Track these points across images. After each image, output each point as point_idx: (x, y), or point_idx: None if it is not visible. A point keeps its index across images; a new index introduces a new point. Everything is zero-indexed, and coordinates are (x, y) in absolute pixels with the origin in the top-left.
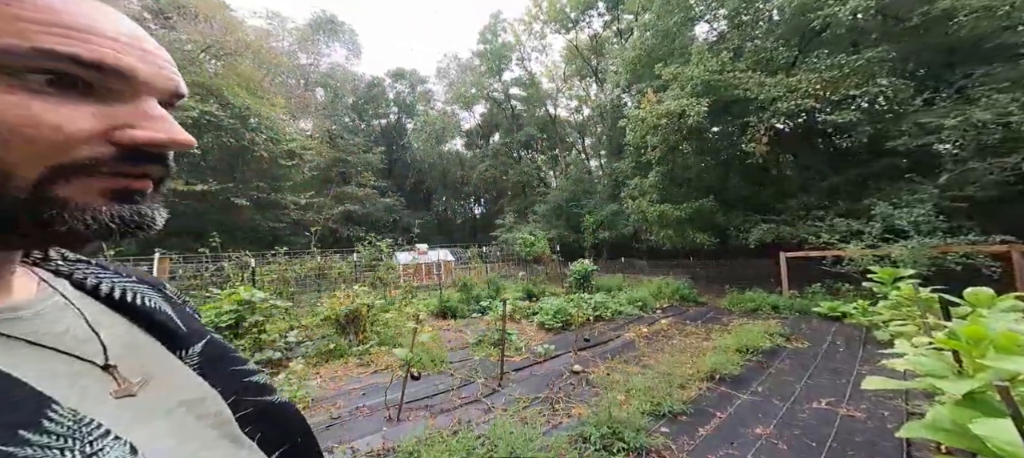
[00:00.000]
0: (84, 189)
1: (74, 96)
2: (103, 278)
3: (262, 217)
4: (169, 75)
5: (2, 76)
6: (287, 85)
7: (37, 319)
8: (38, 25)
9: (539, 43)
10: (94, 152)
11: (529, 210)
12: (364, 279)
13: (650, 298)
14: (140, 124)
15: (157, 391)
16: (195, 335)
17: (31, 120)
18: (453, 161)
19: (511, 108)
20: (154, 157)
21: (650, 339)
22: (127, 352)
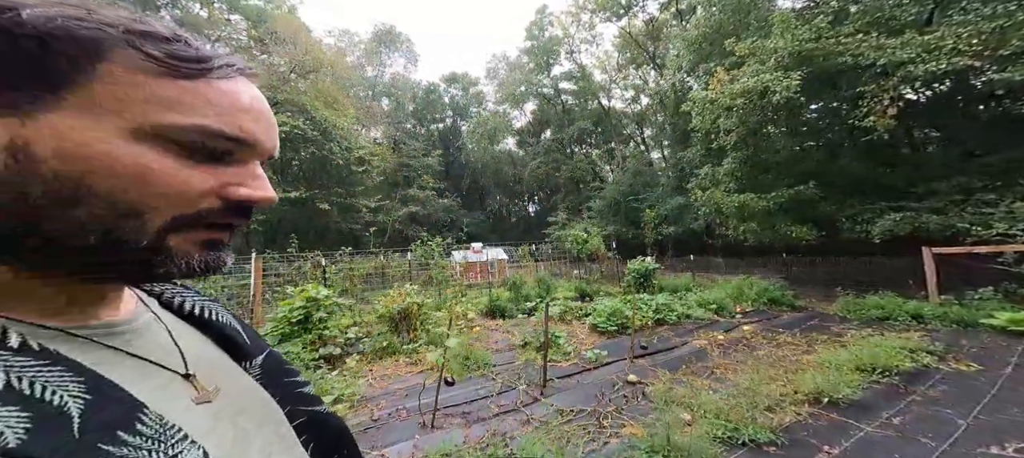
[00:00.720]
0: (187, 238)
1: (206, 160)
2: (186, 297)
3: (342, 219)
4: (274, 140)
5: (169, 143)
6: (358, 97)
7: (134, 333)
8: (219, 109)
9: (588, 34)
10: (206, 206)
11: (583, 206)
12: (420, 277)
13: (727, 300)
14: (247, 183)
15: (227, 398)
16: (257, 348)
17: (173, 178)
18: (505, 160)
19: (561, 103)
20: (243, 210)
21: (726, 348)
22: (203, 363)
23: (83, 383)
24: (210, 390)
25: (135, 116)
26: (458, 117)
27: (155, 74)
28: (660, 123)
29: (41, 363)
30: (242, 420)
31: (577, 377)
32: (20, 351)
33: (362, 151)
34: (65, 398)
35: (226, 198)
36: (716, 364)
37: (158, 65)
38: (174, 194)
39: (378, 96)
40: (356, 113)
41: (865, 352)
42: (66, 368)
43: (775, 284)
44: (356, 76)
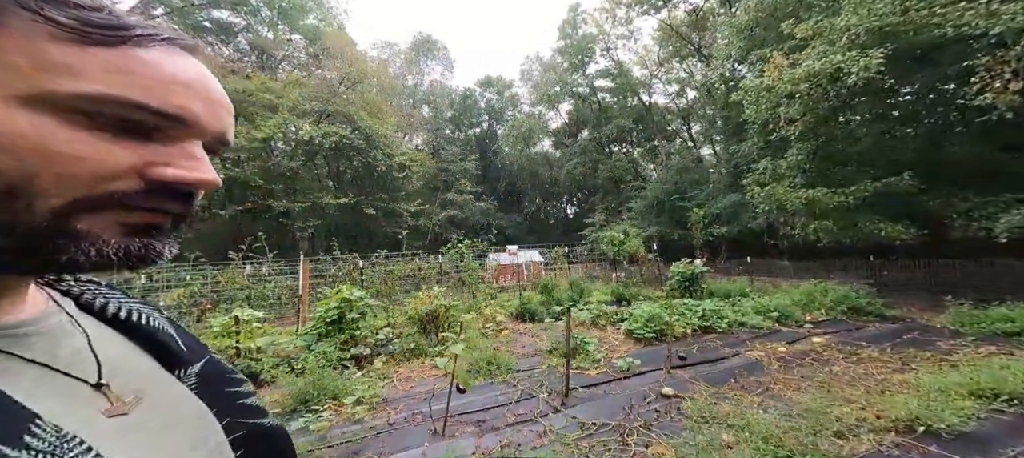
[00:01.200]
0: (102, 222)
1: (119, 134)
2: (110, 299)
3: (387, 223)
4: (221, 119)
5: (76, 115)
6: (400, 105)
7: (38, 336)
8: (140, 79)
9: (625, 29)
10: (123, 186)
11: (623, 207)
12: (452, 280)
13: (793, 308)
14: (175, 162)
15: (150, 410)
16: (195, 355)
17: (77, 153)
18: (541, 162)
19: (597, 101)
20: (179, 194)
21: (788, 362)
22: (124, 371)
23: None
24: (127, 401)
25: (25, 83)
26: (494, 121)
27: (57, 39)
28: (709, 117)
29: None
30: (168, 434)
31: (605, 387)
32: None
33: (403, 157)
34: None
35: (149, 178)
36: (773, 379)
37: (62, 29)
38: (78, 170)
39: (418, 104)
40: (398, 121)
41: (985, 374)
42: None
43: (859, 290)
44: (398, 85)
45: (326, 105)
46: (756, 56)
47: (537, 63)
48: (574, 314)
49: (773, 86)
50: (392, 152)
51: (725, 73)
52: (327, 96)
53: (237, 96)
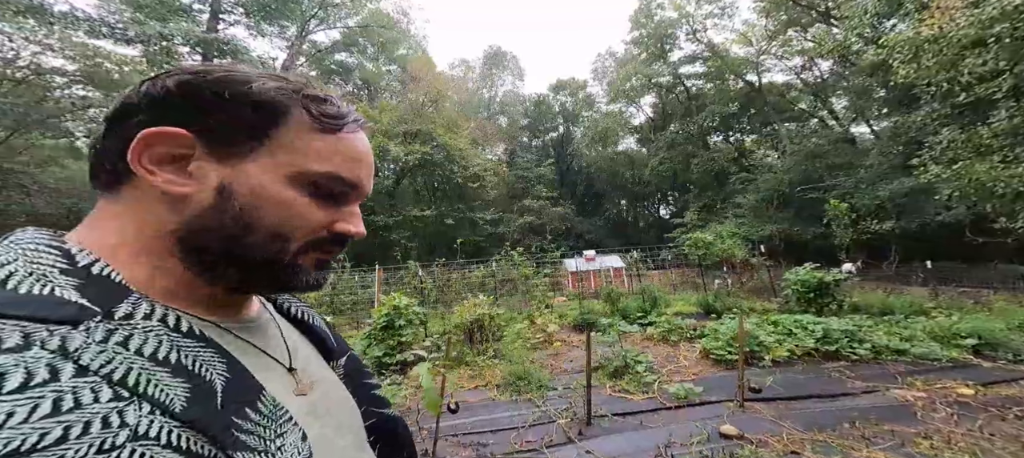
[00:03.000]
0: (308, 259)
1: (326, 199)
2: (291, 303)
3: (469, 232)
4: (371, 184)
5: (308, 185)
6: (478, 119)
7: (258, 330)
8: (345, 159)
9: (714, 7)
10: (321, 236)
11: (727, 203)
12: (506, 289)
13: (1011, 336)
14: (347, 220)
15: (319, 393)
16: (341, 350)
17: (307, 214)
18: (623, 162)
19: (685, 90)
20: (342, 241)
21: (970, 411)
22: (302, 359)
23: (225, 364)
24: (307, 384)
25: (294, 164)
26: (570, 124)
27: (313, 130)
28: (858, 87)
29: (200, 345)
30: (330, 415)
31: (644, 417)
32: (187, 334)
33: (477, 168)
34: (213, 376)
35: (332, 231)
36: (926, 433)
37: (315, 122)
38: (306, 225)
39: (494, 115)
40: (474, 133)
41: None
42: (215, 351)
43: None
44: (475, 99)
45: (411, 125)
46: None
47: (611, 59)
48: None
49: (943, 34)
50: (467, 164)
51: (863, 32)
52: (412, 117)
53: None
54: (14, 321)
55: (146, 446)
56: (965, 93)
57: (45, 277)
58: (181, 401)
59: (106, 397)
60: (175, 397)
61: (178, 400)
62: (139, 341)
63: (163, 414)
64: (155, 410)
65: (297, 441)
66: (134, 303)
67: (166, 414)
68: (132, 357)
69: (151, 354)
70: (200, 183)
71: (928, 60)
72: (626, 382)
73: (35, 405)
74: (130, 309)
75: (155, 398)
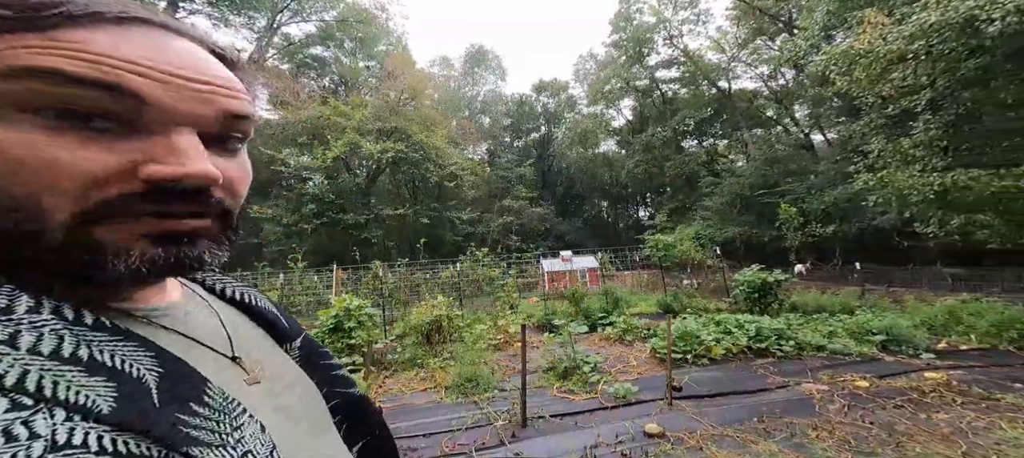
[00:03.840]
0: (122, 232)
1: (94, 133)
2: (227, 284)
3: (447, 231)
4: (195, 100)
5: (29, 116)
6: (460, 118)
7: (187, 316)
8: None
9: (690, 13)
10: (123, 190)
11: (696, 206)
12: (466, 288)
13: (916, 331)
14: (160, 158)
15: (272, 380)
16: (295, 332)
17: (50, 161)
18: (602, 163)
19: (661, 94)
20: (186, 195)
21: (862, 403)
22: (248, 345)
23: (154, 358)
24: (257, 371)
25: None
26: (552, 124)
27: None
28: (814, 96)
29: (117, 339)
30: (287, 401)
31: (583, 417)
32: (94, 327)
33: (453, 167)
34: (142, 371)
35: (145, 179)
36: (818, 425)
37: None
38: (60, 178)
39: (476, 114)
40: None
41: None
42: (138, 344)
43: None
44: (456, 98)
45: (385, 122)
46: (856, 18)
47: (592, 61)
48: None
49: (871, 49)
50: (444, 163)
51: (817, 43)
52: (387, 114)
53: (316, 122)
54: None
55: (73, 456)
56: (892, 105)
57: None
58: (107, 403)
59: (1, 408)
60: (98, 398)
61: (104, 401)
62: (31, 338)
63: (86, 419)
64: (73, 416)
65: (256, 433)
66: (9, 295)
67: (90, 419)
68: (25, 357)
69: (52, 352)
70: None
71: (860, 73)
72: (573, 382)
73: None
74: (5, 302)
75: (71, 402)
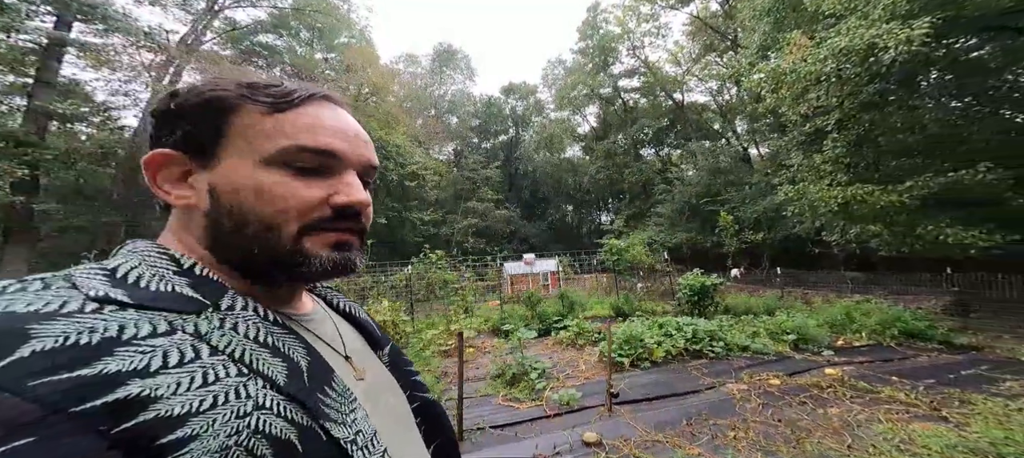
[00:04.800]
0: (317, 242)
1: (308, 176)
2: (339, 299)
3: (406, 232)
4: (361, 151)
5: (284, 166)
6: (427, 116)
7: (318, 322)
8: (302, 129)
9: (652, 26)
10: (321, 214)
11: (651, 212)
12: (423, 293)
13: (819, 330)
14: (342, 191)
15: (371, 379)
16: (385, 341)
17: (290, 193)
18: (567, 168)
19: (623, 103)
20: (351, 215)
21: (773, 400)
22: (355, 349)
23: (305, 348)
24: (362, 369)
25: (260, 148)
26: (520, 127)
27: (265, 113)
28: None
29: (284, 332)
30: (383, 399)
31: (519, 428)
32: (274, 323)
33: (415, 166)
34: (298, 357)
35: (333, 206)
36: (736, 424)
37: (265, 106)
38: (294, 206)
39: (443, 114)
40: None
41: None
42: (296, 338)
43: (917, 311)
44: (423, 96)
45: None
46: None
47: (560, 67)
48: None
49: (794, 69)
50: (405, 162)
51: (754, 61)
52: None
53: None
54: (156, 311)
55: (265, 414)
56: (809, 124)
57: (164, 277)
58: (282, 377)
59: (234, 373)
60: (277, 374)
61: (280, 376)
62: (244, 327)
63: (270, 388)
64: (266, 384)
65: (364, 418)
66: (232, 297)
67: (273, 388)
68: (243, 340)
69: (255, 337)
70: (197, 191)
71: (785, 91)
72: (519, 390)
73: (192, 377)
74: (231, 302)
75: (265, 374)
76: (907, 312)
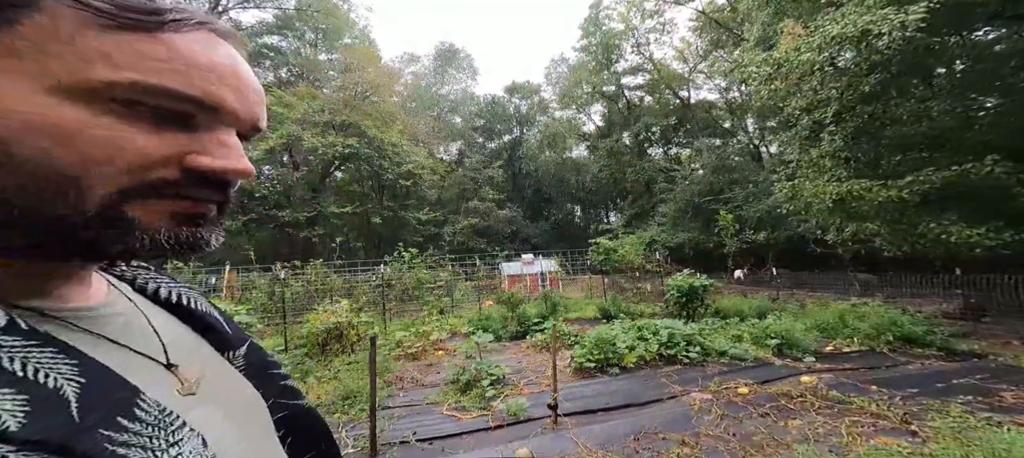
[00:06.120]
0: (151, 210)
1: (159, 123)
2: (161, 283)
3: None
4: (251, 108)
5: (115, 104)
6: (429, 116)
7: (112, 319)
8: (169, 64)
9: (656, 22)
10: (164, 175)
11: (654, 211)
12: (398, 294)
13: (808, 334)
14: (210, 151)
15: (212, 390)
16: (238, 339)
17: (116, 144)
18: (570, 168)
19: (626, 100)
20: (216, 184)
21: (735, 412)
22: (183, 351)
23: (75, 366)
24: (191, 381)
25: (64, 71)
26: (524, 127)
27: (92, 26)
28: (758, 108)
29: (31, 343)
30: (227, 414)
31: (457, 440)
32: (6, 330)
33: (411, 165)
34: (60, 381)
35: (187, 167)
36: (691, 438)
37: (98, 15)
38: (121, 160)
39: (446, 113)
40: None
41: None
42: (57, 349)
43: (915, 314)
44: (426, 96)
45: (336, 116)
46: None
47: (564, 65)
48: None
49: (788, 58)
50: (400, 161)
51: (752, 53)
52: (340, 108)
53: None
54: None
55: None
56: (808, 117)
57: None
58: (16, 419)
59: None
60: (4, 414)
61: (11, 418)
62: None
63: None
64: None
65: (198, 448)
66: None
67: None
68: None
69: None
70: None
71: (779, 83)
72: (469, 398)
73: None
74: None
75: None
76: (905, 316)
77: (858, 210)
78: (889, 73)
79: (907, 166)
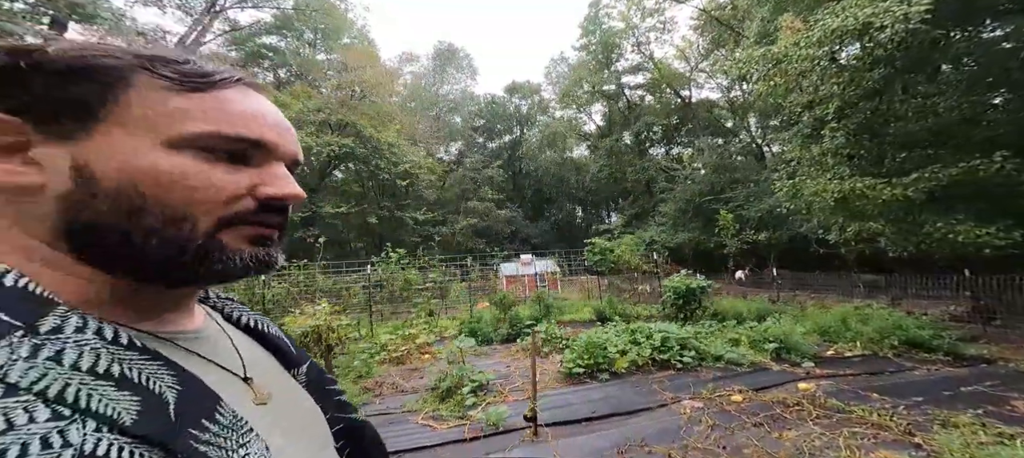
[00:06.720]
0: (236, 236)
1: (232, 163)
2: (242, 312)
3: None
4: (290, 144)
5: (198, 151)
6: (427, 117)
7: (204, 340)
8: (227, 115)
9: (656, 21)
10: (243, 206)
11: (654, 211)
12: (384, 296)
13: (808, 338)
14: (271, 182)
15: (279, 402)
16: (301, 358)
17: (211, 182)
18: (570, 168)
19: (626, 100)
20: (278, 209)
21: (728, 421)
22: (258, 369)
23: (175, 376)
24: (265, 393)
25: (163, 129)
26: (524, 127)
27: (171, 91)
28: (760, 107)
29: (144, 357)
30: (291, 423)
31: (429, 453)
32: (128, 347)
33: (408, 165)
34: (163, 388)
35: (257, 197)
36: (679, 450)
37: (171, 83)
38: (212, 196)
39: (445, 113)
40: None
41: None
42: (162, 363)
43: (922, 317)
44: (425, 96)
45: (331, 115)
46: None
47: (564, 64)
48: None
49: (787, 54)
50: (397, 160)
51: (751, 49)
52: (335, 107)
53: None
54: None
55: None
56: (809, 114)
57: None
58: (131, 415)
59: (43, 417)
60: (123, 412)
61: (128, 414)
62: (74, 355)
63: (112, 431)
64: (102, 427)
65: (261, 451)
66: (62, 316)
67: (115, 430)
68: (68, 372)
69: (89, 368)
70: (48, 169)
71: (779, 79)
72: (447, 406)
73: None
74: (58, 322)
75: (101, 414)
76: (910, 319)
77: (861, 209)
78: (893, 68)
79: (912, 163)
